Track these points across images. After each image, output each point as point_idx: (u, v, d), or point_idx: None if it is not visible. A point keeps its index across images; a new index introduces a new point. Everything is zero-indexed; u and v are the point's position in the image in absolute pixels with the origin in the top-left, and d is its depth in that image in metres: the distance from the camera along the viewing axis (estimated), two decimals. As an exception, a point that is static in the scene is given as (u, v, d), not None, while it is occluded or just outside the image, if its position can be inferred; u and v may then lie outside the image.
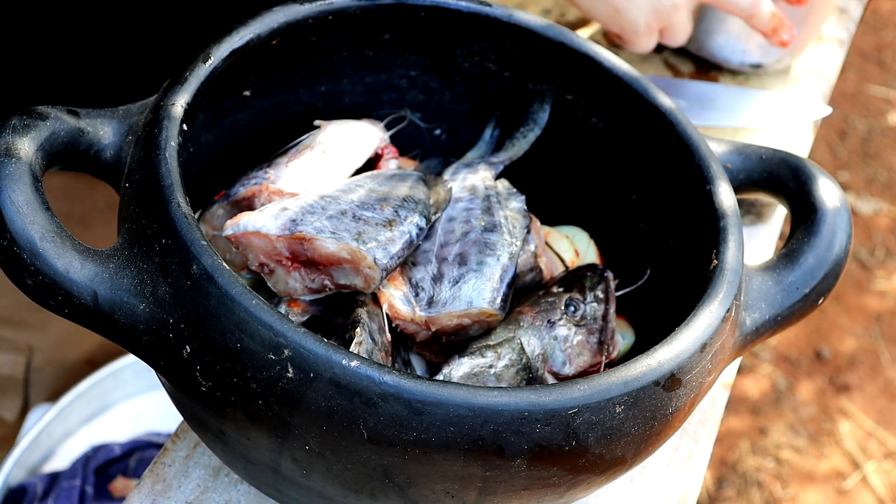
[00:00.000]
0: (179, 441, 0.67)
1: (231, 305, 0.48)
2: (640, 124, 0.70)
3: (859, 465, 1.76)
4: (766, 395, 1.86)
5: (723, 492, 1.70)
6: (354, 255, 0.58)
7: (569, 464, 0.50)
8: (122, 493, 1.08)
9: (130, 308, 0.51)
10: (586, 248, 0.74)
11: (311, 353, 0.47)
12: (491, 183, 0.71)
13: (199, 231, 0.51)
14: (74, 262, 0.50)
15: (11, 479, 1.06)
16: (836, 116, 2.44)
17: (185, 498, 0.64)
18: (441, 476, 0.49)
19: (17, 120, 0.54)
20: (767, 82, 1.04)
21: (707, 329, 0.55)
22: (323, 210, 0.60)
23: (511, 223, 0.67)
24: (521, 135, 0.75)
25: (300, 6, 0.65)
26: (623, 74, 0.69)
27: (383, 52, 0.73)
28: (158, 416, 1.18)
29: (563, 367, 0.62)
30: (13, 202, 0.50)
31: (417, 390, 0.47)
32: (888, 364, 1.93)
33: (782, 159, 0.67)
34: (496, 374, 0.60)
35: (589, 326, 0.64)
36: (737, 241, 0.60)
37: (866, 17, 2.67)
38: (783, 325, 0.62)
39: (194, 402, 0.51)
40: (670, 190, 0.68)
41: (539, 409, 0.48)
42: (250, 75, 0.67)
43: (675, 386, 0.52)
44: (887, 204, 2.25)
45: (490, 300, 0.61)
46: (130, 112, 0.59)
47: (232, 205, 0.65)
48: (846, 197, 0.69)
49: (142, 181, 0.54)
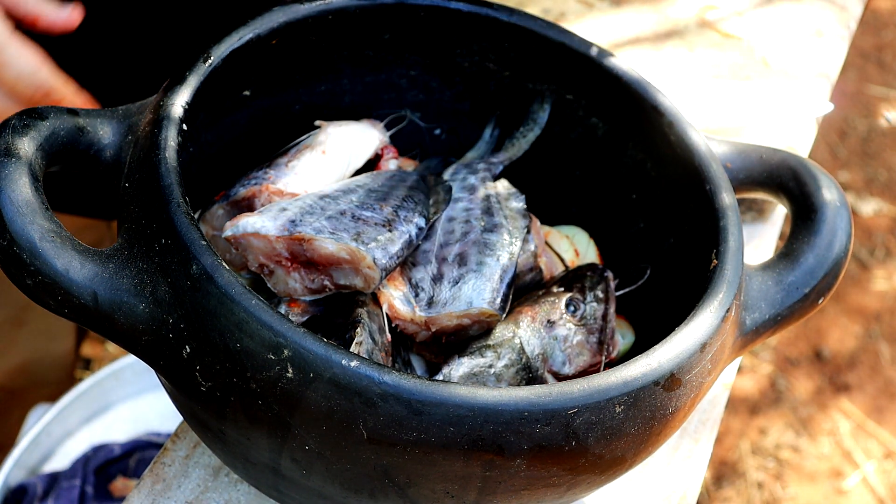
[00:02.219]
0: (179, 441, 0.67)
1: (231, 305, 0.48)
2: (640, 124, 0.70)
3: (859, 465, 1.76)
4: (766, 395, 1.86)
5: (723, 492, 1.70)
6: (354, 255, 0.58)
7: (569, 464, 0.50)
8: (122, 493, 1.08)
9: (130, 308, 0.51)
10: (586, 248, 0.74)
11: (310, 353, 0.47)
12: (491, 183, 0.71)
13: (199, 231, 0.51)
14: (74, 262, 0.50)
15: (11, 479, 1.06)
16: (836, 116, 2.44)
17: (185, 498, 0.64)
18: (441, 476, 0.49)
19: (17, 120, 0.54)
20: (769, 80, 1.04)
21: (707, 329, 0.55)
22: (322, 210, 0.60)
23: (511, 223, 0.67)
24: (521, 135, 0.75)
25: (300, 6, 0.65)
26: (623, 74, 0.69)
27: (383, 52, 0.73)
28: (158, 416, 1.18)
29: (562, 366, 0.62)
30: (13, 202, 0.50)
31: (417, 390, 0.47)
32: (888, 364, 1.93)
33: (782, 159, 0.67)
34: (496, 374, 0.60)
35: (589, 326, 0.64)
36: (737, 241, 0.60)
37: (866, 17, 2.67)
38: (783, 325, 0.62)
39: (194, 402, 0.51)
40: (670, 190, 0.68)
41: (539, 409, 0.48)
42: (250, 75, 0.67)
43: (675, 386, 0.52)
44: (887, 204, 2.25)
45: (490, 300, 0.61)
46: (130, 112, 0.59)
47: (232, 205, 0.65)
48: (846, 197, 0.69)
49: (142, 181, 0.54)
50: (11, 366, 1.16)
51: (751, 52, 1.10)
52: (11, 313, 1.11)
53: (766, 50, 1.10)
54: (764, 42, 1.12)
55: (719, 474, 1.73)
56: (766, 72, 1.06)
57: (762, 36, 1.12)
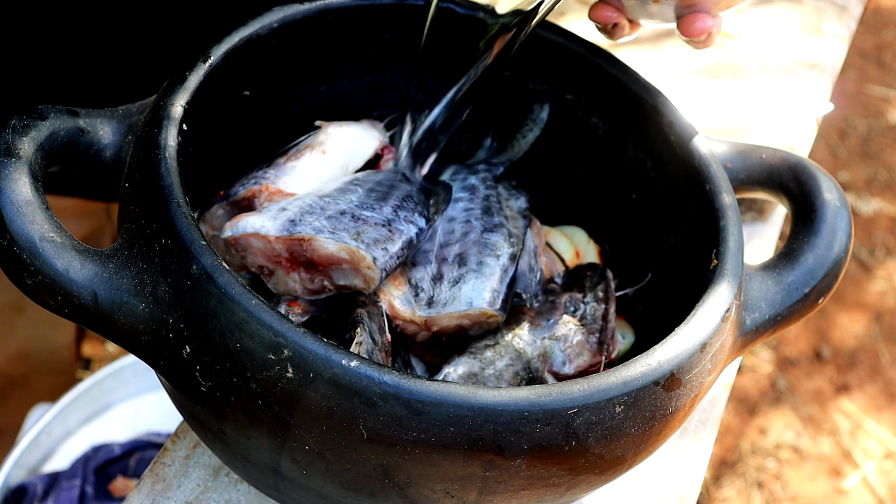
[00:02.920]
0: (179, 441, 0.67)
1: (231, 305, 0.48)
2: (640, 124, 0.70)
3: (859, 465, 1.76)
4: (766, 395, 1.86)
5: (723, 492, 1.70)
6: (353, 255, 0.58)
7: (569, 464, 0.50)
8: (122, 493, 1.08)
9: (130, 308, 0.51)
10: (586, 248, 0.74)
11: (310, 353, 0.47)
12: (491, 183, 0.71)
13: (199, 231, 0.51)
14: (74, 261, 0.50)
15: (11, 479, 1.06)
16: (836, 116, 2.44)
17: (185, 498, 0.64)
18: (441, 476, 0.49)
19: (17, 120, 0.54)
20: (769, 80, 1.04)
21: (707, 329, 0.55)
22: (322, 210, 0.60)
23: (511, 223, 0.67)
24: (521, 135, 0.75)
25: (300, 6, 0.65)
26: (623, 74, 0.69)
27: (383, 52, 0.73)
28: (158, 416, 1.18)
29: (562, 366, 0.62)
30: (13, 202, 0.50)
31: (417, 390, 0.47)
32: (888, 364, 1.93)
33: (782, 159, 0.67)
34: (496, 374, 0.60)
35: (589, 326, 0.64)
36: (737, 241, 0.60)
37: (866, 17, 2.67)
38: (783, 325, 0.62)
39: (194, 402, 0.51)
40: (670, 190, 0.68)
41: (539, 409, 0.48)
42: (250, 75, 0.67)
43: (675, 386, 0.52)
44: (887, 204, 2.25)
45: (490, 301, 0.61)
46: (130, 112, 0.59)
47: (232, 205, 0.65)
48: (846, 197, 0.69)
49: (142, 181, 0.54)
50: (12, 352, 1.15)
51: (751, 52, 1.10)
52: (12, 298, 1.11)
53: (766, 50, 1.10)
54: (764, 42, 1.12)
55: (719, 474, 1.73)
56: (766, 72, 1.06)
57: (762, 36, 1.12)
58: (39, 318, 1.15)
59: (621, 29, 0.65)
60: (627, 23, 0.65)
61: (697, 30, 0.61)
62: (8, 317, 1.13)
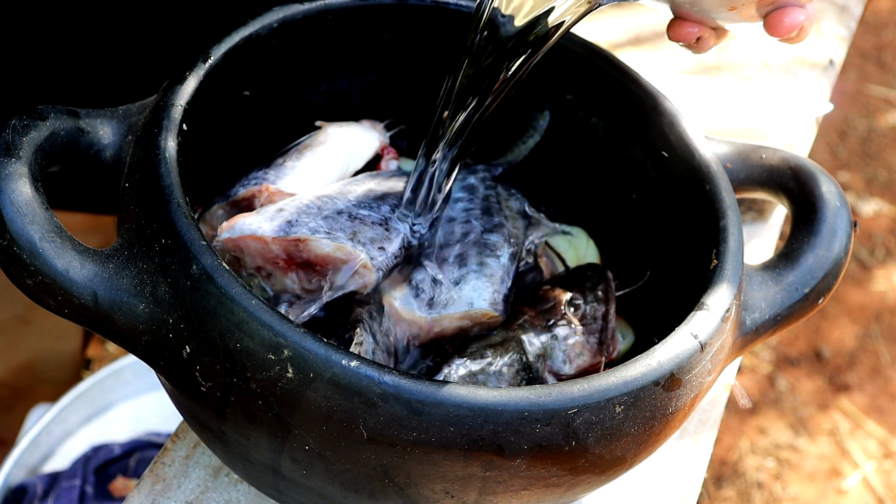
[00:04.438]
0: (179, 441, 0.67)
1: (231, 305, 0.48)
2: (640, 124, 0.70)
3: (859, 465, 1.76)
4: (766, 395, 1.86)
5: (723, 492, 1.70)
6: (349, 255, 0.58)
7: (569, 464, 0.50)
8: (122, 493, 1.08)
9: (130, 308, 0.51)
10: (586, 248, 0.74)
11: (310, 353, 0.47)
12: (490, 183, 0.71)
13: (199, 231, 0.51)
14: (74, 262, 0.50)
15: (11, 479, 1.06)
16: (836, 116, 2.44)
17: (185, 498, 0.64)
18: (441, 476, 0.49)
19: (17, 120, 0.54)
20: (769, 80, 1.04)
21: (707, 329, 0.55)
22: (319, 210, 0.60)
23: (511, 223, 0.67)
24: (521, 141, 0.75)
25: (300, 6, 0.65)
26: (623, 74, 0.69)
27: (383, 52, 0.73)
28: (158, 416, 1.18)
29: (563, 366, 0.62)
30: (13, 202, 0.50)
31: (417, 390, 0.47)
32: (888, 364, 1.93)
33: (782, 159, 0.67)
34: (496, 374, 0.60)
35: (589, 326, 0.64)
36: (737, 241, 0.60)
37: (866, 17, 2.67)
38: (783, 325, 0.62)
39: (194, 402, 0.51)
40: (670, 190, 0.68)
41: (539, 409, 0.48)
42: (250, 75, 0.67)
43: (675, 386, 0.52)
44: (887, 204, 2.25)
45: (491, 301, 0.61)
46: (130, 112, 0.59)
47: (231, 205, 0.65)
48: (846, 197, 0.69)
49: (142, 181, 0.54)
50: (17, 363, 1.16)
51: (750, 51, 1.10)
52: (18, 312, 1.11)
53: (765, 50, 1.10)
54: (764, 42, 1.12)
55: (719, 474, 1.73)
56: (766, 71, 1.06)
57: (762, 36, 1.12)
58: (46, 330, 1.16)
59: (706, 41, 0.59)
60: (712, 31, 0.59)
61: (788, 26, 0.54)
62: (14, 329, 1.13)
